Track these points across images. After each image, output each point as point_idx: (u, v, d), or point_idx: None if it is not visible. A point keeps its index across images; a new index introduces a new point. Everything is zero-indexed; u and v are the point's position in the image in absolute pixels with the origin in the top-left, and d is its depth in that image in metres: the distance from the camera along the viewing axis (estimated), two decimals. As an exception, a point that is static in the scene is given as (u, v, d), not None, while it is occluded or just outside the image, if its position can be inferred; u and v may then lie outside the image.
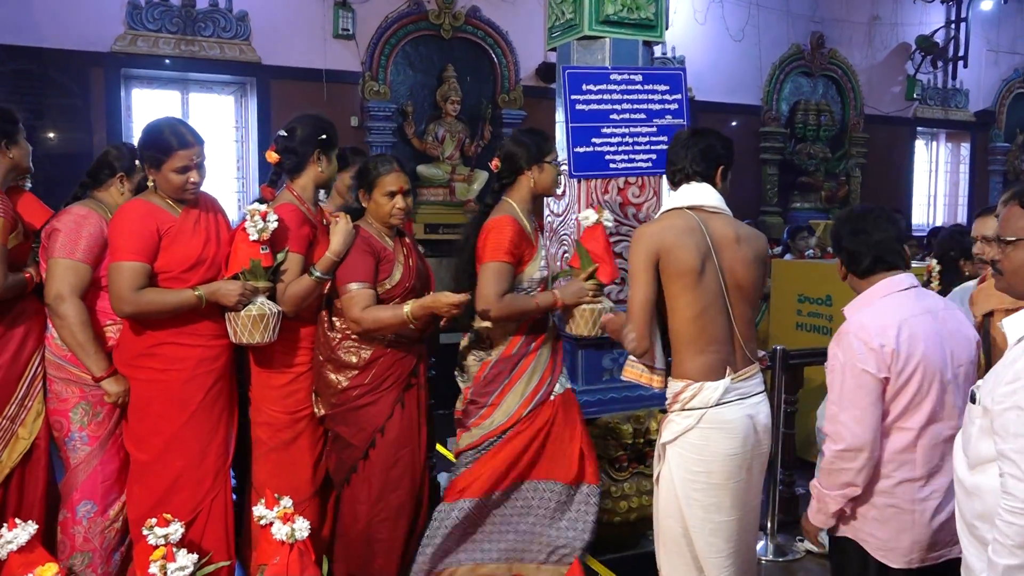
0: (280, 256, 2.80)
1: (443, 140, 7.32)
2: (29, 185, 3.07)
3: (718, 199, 2.44)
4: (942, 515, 2.20)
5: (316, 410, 2.95)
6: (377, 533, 2.89)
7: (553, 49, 4.05)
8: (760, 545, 4.11)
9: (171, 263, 2.72)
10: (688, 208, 2.42)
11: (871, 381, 2.15)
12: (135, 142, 3.00)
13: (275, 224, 2.73)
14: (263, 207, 2.75)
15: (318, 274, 2.82)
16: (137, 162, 2.83)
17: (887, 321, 2.16)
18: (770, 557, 3.98)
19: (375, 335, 2.88)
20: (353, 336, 2.88)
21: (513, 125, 7.62)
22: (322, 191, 3.14)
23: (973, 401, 1.82)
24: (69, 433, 2.80)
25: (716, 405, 2.33)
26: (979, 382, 1.85)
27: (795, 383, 4.14)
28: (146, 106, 6.70)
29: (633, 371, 2.46)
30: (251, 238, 2.71)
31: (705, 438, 2.35)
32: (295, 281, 2.82)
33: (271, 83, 6.82)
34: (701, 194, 2.43)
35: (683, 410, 2.37)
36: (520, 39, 7.64)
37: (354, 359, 2.87)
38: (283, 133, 2.97)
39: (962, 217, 10.68)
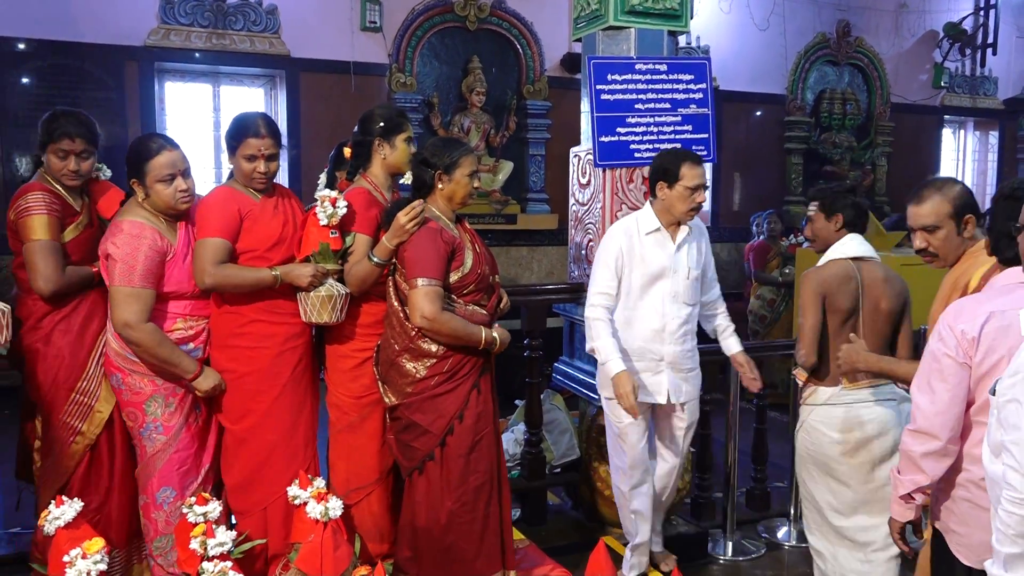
0: (348, 240, 2.93)
1: (468, 131, 7.38)
2: (109, 174, 3.14)
3: (868, 248, 3.02)
4: None
5: (386, 399, 2.94)
6: (458, 517, 2.88)
7: (578, 40, 4.09)
8: (783, 531, 4.15)
9: (255, 242, 2.90)
10: (850, 259, 2.99)
11: (951, 366, 2.04)
12: (168, 134, 3.12)
13: (344, 210, 2.88)
14: (333, 193, 2.89)
15: (376, 260, 2.90)
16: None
17: (980, 309, 2.02)
18: (793, 543, 4.02)
19: (436, 336, 2.83)
20: None
21: (538, 116, 7.66)
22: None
23: (993, 393, 1.80)
24: (144, 424, 2.88)
25: (823, 404, 2.95)
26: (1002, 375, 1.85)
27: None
28: (179, 99, 6.82)
29: (801, 373, 3.04)
30: (321, 223, 2.86)
31: (814, 427, 2.98)
32: (358, 263, 2.94)
33: (300, 75, 6.89)
34: (857, 247, 3.00)
35: (802, 405, 3.05)
36: (545, 30, 7.66)
37: (434, 347, 2.85)
38: (355, 130, 3.11)
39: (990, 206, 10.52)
